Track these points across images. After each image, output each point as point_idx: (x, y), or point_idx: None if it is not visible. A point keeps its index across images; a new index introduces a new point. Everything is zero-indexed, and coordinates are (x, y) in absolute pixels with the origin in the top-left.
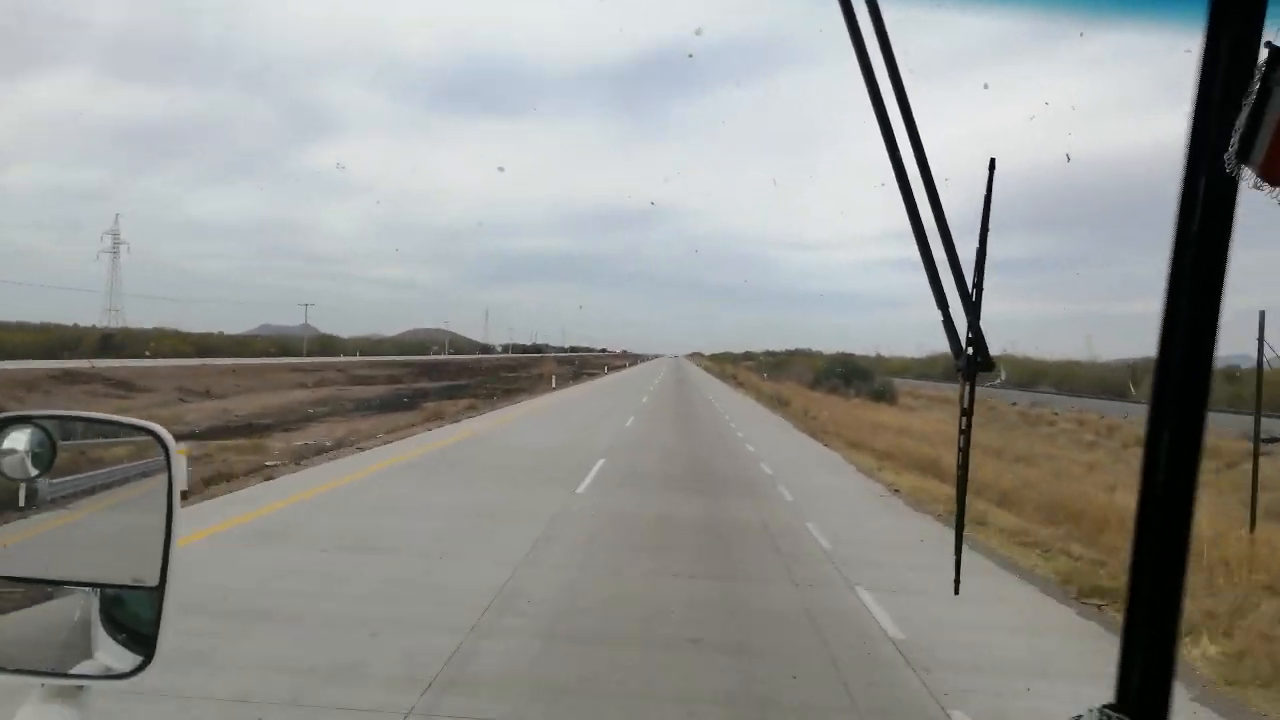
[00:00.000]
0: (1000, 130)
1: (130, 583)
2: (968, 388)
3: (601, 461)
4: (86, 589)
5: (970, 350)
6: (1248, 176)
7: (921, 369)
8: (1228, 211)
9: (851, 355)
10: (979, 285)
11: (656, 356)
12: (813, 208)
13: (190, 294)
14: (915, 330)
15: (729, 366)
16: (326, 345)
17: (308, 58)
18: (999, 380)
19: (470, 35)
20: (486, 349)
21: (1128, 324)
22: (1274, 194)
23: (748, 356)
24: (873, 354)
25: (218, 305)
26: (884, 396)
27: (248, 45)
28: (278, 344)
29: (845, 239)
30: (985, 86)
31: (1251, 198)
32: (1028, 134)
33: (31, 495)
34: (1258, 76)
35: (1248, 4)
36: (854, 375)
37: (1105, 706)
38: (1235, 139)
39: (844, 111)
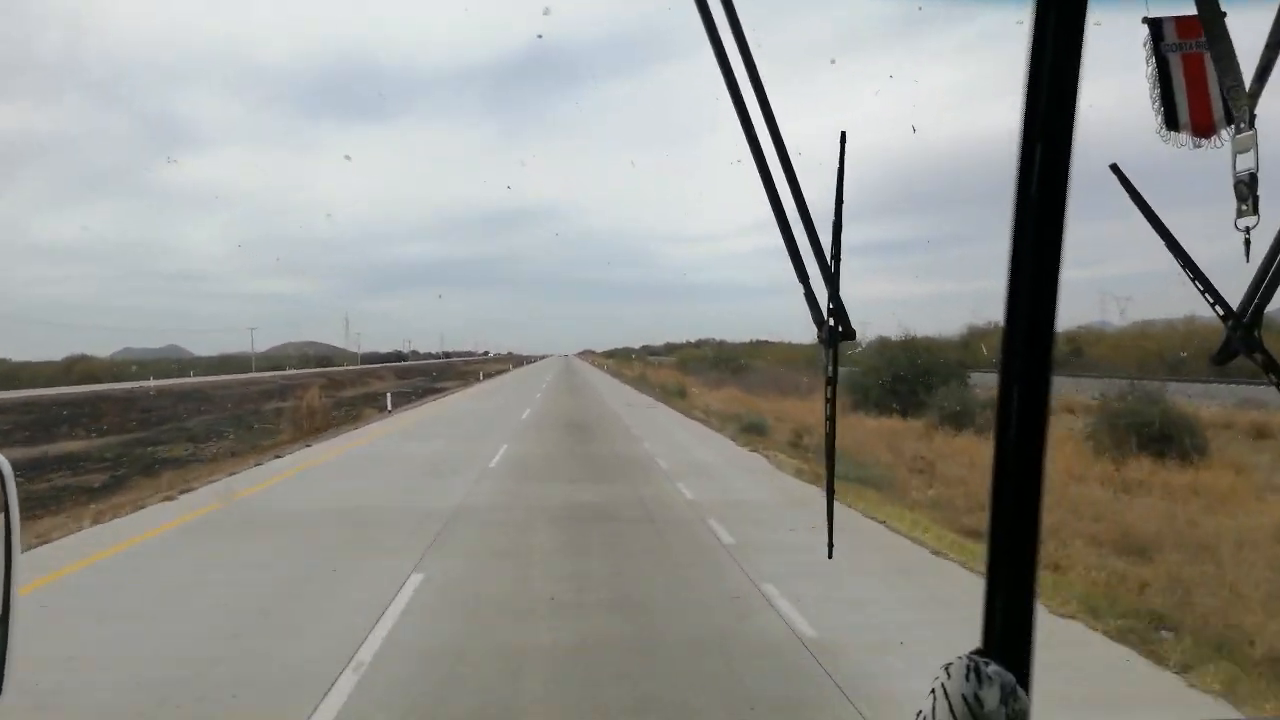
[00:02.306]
0: (849, 107)
1: None
2: (830, 356)
3: None
4: None
5: (831, 320)
6: (1184, 141)
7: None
8: (1062, 181)
9: (767, 342)
10: (836, 256)
11: (543, 357)
12: (693, 200)
13: (45, 320)
14: (791, 316)
15: (639, 366)
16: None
17: (161, 67)
18: (859, 349)
19: (332, 40)
20: (278, 366)
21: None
22: (1211, 144)
23: (649, 351)
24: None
25: (74, 331)
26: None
27: (94, 56)
28: None
29: (727, 230)
30: (832, 61)
31: (1082, 171)
32: (875, 108)
33: None
34: (1149, 50)
35: None
36: (917, 384)
37: (973, 653)
38: (1157, 113)
39: (720, 104)
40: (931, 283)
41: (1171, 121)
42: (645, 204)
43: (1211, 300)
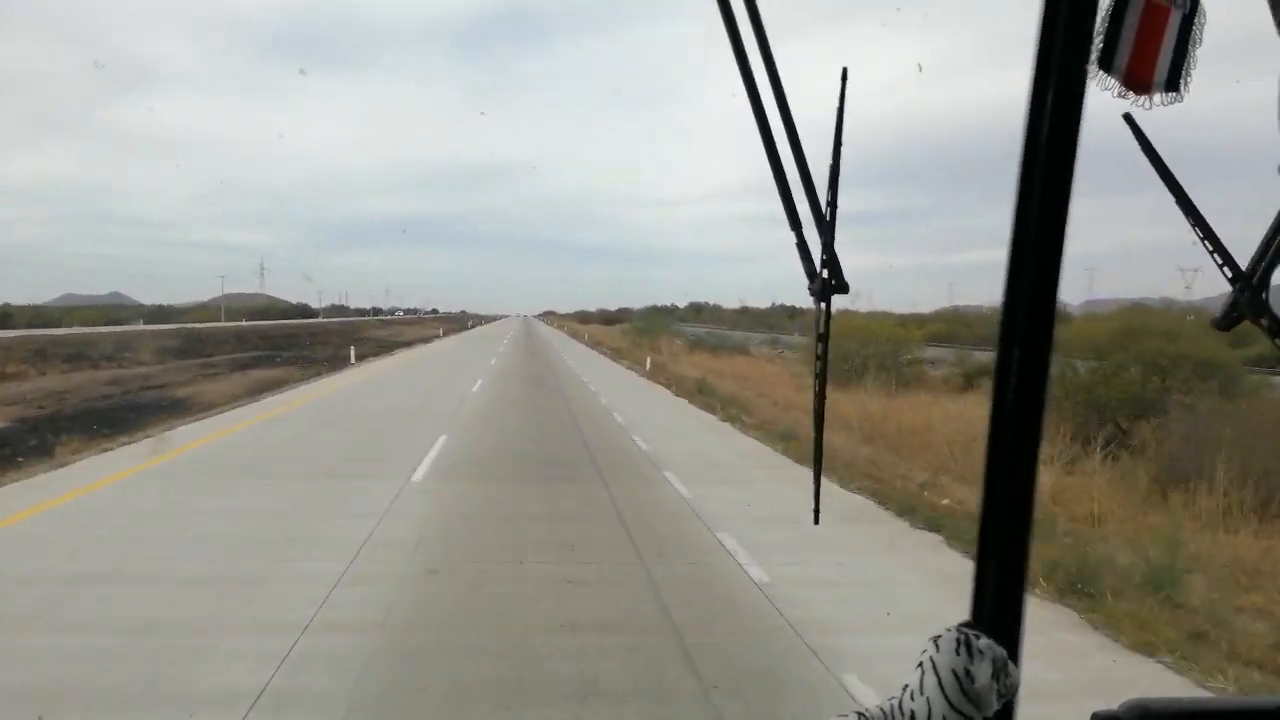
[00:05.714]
0: (853, 43)
1: None
2: (823, 312)
3: None
4: None
5: (824, 272)
6: (1110, 85)
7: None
8: (1074, 122)
9: (796, 308)
10: (833, 203)
11: (499, 318)
12: (667, 163)
13: None
14: (776, 282)
15: (630, 344)
16: None
17: (124, 7)
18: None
19: None
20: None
21: (957, 273)
22: (1137, 102)
23: (627, 315)
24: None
25: (10, 273)
26: None
27: None
28: None
29: (699, 195)
30: None
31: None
32: (880, 42)
33: None
34: None
35: None
36: None
37: (961, 625)
38: (1095, 45)
39: (702, 64)
40: (884, 256)
41: (1106, 62)
42: (614, 167)
43: (1220, 261)
